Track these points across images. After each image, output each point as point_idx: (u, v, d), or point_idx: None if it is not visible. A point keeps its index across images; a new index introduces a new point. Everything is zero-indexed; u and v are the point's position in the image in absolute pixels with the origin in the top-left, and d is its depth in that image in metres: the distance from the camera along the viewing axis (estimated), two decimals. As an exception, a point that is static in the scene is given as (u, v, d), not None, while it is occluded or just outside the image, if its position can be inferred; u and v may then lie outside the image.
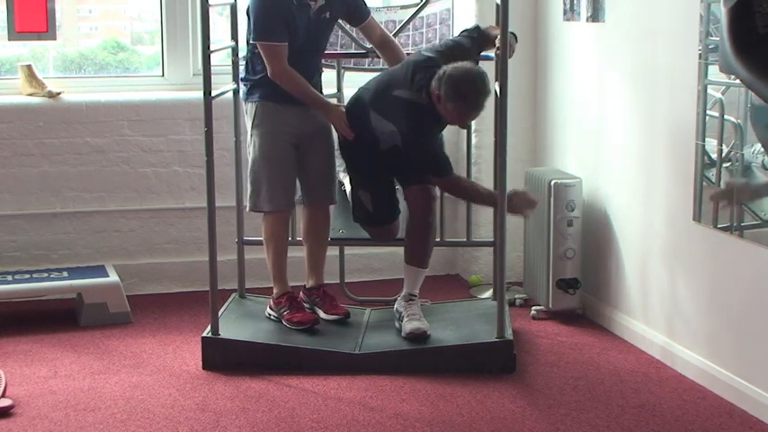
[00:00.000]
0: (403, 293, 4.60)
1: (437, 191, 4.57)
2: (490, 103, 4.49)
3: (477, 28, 4.65)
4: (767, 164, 3.84)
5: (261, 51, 4.38)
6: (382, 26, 4.82)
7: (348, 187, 4.77)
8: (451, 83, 4.22)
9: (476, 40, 4.57)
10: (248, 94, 4.54)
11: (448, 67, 4.26)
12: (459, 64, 4.28)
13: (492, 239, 4.97)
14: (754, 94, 3.82)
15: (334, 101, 4.99)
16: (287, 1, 4.36)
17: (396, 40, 4.77)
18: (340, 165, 4.74)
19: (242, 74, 4.59)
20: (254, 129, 4.51)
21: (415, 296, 4.59)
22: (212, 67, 4.27)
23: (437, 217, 4.66)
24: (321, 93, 4.64)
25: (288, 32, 4.37)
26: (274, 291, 4.63)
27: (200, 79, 4.31)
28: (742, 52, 3.72)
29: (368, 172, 4.57)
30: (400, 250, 4.68)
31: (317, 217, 4.72)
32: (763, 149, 3.84)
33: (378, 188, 4.58)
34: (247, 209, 4.61)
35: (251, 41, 4.47)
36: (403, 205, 4.65)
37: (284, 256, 4.62)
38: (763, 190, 3.94)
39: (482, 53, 4.65)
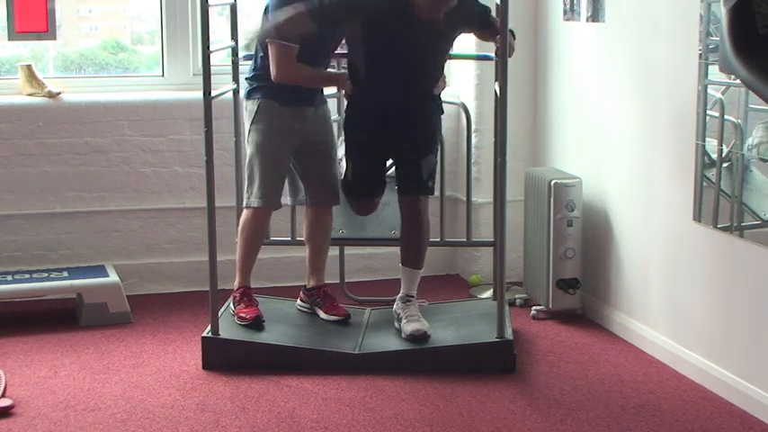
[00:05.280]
0: (400, 294, 4.60)
1: (427, 196, 4.54)
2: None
3: (489, 9, 4.58)
4: (765, 156, 3.84)
5: (270, 50, 4.36)
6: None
7: (341, 155, 4.73)
8: None
9: (483, 9, 4.50)
10: (251, 91, 4.52)
11: None
12: None
13: (492, 239, 4.97)
14: (754, 93, 3.82)
15: (333, 101, 5.01)
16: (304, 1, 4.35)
17: None
18: (341, 137, 4.73)
19: (249, 72, 4.57)
20: (252, 125, 4.51)
21: (413, 297, 4.58)
22: (212, 67, 4.27)
23: (432, 217, 4.65)
24: (322, 91, 4.64)
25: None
26: (236, 282, 4.63)
27: (200, 79, 4.31)
28: (742, 52, 3.72)
29: (361, 144, 4.53)
30: (399, 250, 4.67)
31: (320, 218, 4.72)
32: (758, 142, 3.84)
33: (364, 163, 4.55)
34: (243, 205, 4.60)
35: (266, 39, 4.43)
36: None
37: (255, 252, 4.61)
38: None
39: (479, 27, 4.57)
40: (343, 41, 4.81)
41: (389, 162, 4.65)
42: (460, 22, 4.42)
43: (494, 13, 4.60)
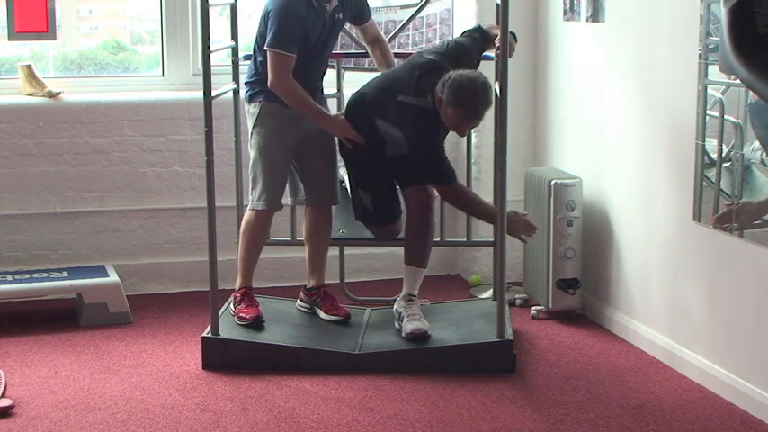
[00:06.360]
0: (402, 294, 4.60)
1: (434, 191, 4.57)
2: (489, 113, 4.49)
3: (478, 28, 4.66)
4: (766, 161, 3.84)
5: (269, 58, 4.36)
6: (382, 26, 4.85)
7: (348, 185, 4.77)
8: (454, 88, 4.23)
9: (477, 41, 4.58)
10: (253, 94, 4.52)
11: (454, 73, 4.28)
12: (466, 72, 4.30)
13: (492, 239, 4.97)
14: (754, 93, 3.82)
15: (333, 101, 5.00)
16: (305, 7, 4.36)
17: (387, 41, 4.81)
18: (340, 160, 4.73)
19: (249, 76, 4.57)
20: (255, 128, 4.51)
21: (415, 296, 4.59)
22: (212, 67, 4.27)
23: (435, 217, 4.66)
24: (322, 91, 4.64)
25: (301, 42, 4.36)
26: (237, 282, 4.63)
27: (200, 79, 4.31)
28: (742, 52, 3.72)
29: (367, 172, 4.57)
30: (400, 250, 4.68)
31: (320, 217, 4.72)
32: (761, 147, 3.84)
33: (377, 188, 4.59)
34: (249, 207, 4.60)
35: (265, 48, 4.43)
36: (403, 206, 4.66)
37: (258, 253, 4.62)
38: (764, 206, 3.91)
39: (483, 53, 4.65)
40: (340, 42, 4.83)
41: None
42: None
43: (493, 14, 4.62)
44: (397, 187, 4.65)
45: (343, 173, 4.81)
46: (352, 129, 4.46)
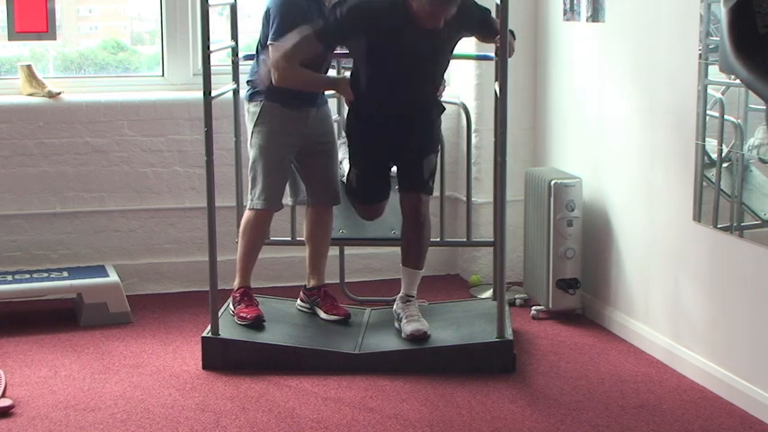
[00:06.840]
0: (400, 294, 4.60)
1: (427, 195, 4.54)
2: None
3: (489, 11, 4.57)
4: (764, 157, 3.84)
5: (271, 54, 4.36)
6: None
7: (346, 163, 4.73)
8: None
9: (483, 12, 4.49)
10: (254, 94, 4.52)
11: None
12: None
13: (492, 239, 4.97)
14: (754, 93, 3.82)
15: (333, 101, 5.01)
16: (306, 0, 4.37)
17: None
18: (343, 136, 4.73)
19: (251, 75, 4.56)
20: (255, 128, 4.51)
21: (413, 297, 4.58)
22: (212, 67, 4.27)
23: (433, 218, 4.65)
24: (324, 92, 4.65)
25: None
26: (236, 282, 4.64)
27: (200, 79, 4.31)
28: (742, 52, 3.72)
29: (364, 149, 4.53)
30: (400, 250, 4.67)
31: (321, 217, 4.72)
32: (759, 144, 3.84)
33: (369, 163, 4.54)
34: (248, 207, 4.60)
35: (269, 43, 4.43)
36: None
37: (256, 252, 4.62)
38: None
39: (481, 30, 4.56)
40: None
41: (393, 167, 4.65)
42: (461, 28, 4.41)
43: (494, 14, 4.60)
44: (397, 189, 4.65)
45: (345, 165, 4.78)
46: (348, 85, 4.46)
